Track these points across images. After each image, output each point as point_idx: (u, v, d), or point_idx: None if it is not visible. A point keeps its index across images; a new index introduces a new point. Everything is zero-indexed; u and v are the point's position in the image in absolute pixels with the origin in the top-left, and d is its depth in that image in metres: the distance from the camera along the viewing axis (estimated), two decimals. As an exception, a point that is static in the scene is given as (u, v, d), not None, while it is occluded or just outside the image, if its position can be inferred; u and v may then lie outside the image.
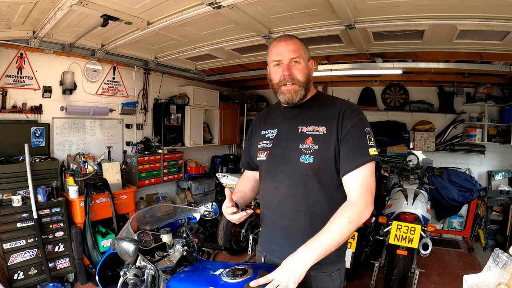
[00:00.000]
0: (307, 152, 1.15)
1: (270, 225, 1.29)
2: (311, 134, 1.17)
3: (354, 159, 1.09)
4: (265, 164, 1.28)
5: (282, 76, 1.18)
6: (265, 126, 1.36)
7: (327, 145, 1.14)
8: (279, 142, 1.25)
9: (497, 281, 1.03)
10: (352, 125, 1.12)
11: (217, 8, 2.08)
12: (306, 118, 1.22)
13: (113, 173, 3.41)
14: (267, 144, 1.29)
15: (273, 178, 1.24)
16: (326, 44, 3.00)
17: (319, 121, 1.18)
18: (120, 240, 1.03)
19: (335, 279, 1.18)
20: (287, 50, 1.18)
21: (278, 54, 1.19)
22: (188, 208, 1.52)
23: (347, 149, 1.12)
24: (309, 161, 1.14)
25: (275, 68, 1.21)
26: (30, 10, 2.30)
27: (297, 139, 1.19)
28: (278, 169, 1.22)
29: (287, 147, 1.21)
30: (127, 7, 2.25)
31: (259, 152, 1.31)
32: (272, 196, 1.25)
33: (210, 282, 1.04)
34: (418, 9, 2.11)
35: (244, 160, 1.48)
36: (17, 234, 2.62)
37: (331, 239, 0.98)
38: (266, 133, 1.32)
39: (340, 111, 1.16)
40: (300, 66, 1.19)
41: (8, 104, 2.87)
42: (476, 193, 4.13)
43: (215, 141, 5.25)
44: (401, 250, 2.64)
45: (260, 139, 1.34)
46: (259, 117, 1.45)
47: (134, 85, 4.04)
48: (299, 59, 1.19)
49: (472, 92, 4.50)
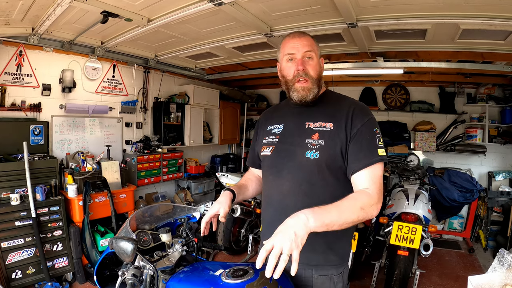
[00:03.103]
0: (312, 147, 1.13)
1: (271, 222, 1.24)
2: (318, 130, 1.16)
3: (364, 158, 1.08)
4: (270, 159, 1.26)
5: (296, 70, 1.16)
6: (271, 122, 1.34)
7: (333, 141, 1.12)
8: (286, 138, 1.23)
9: (502, 282, 1.01)
10: (362, 125, 1.11)
11: (218, 5, 2.06)
12: (314, 115, 1.21)
13: (112, 172, 3.39)
14: (273, 139, 1.27)
15: (277, 174, 1.22)
16: (328, 42, 2.98)
17: (327, 118, 1.17)
18: (118, 239, 1.01)
19: (337, 283, 1.15)
20: (301, 44, 1.16)
21: (292, 48, 1.17)
22: (187, 208, 1.50)
23: (356, 148, 1.10)
24: (314, 157, 1.12)
25: (288, 64, 1.19)
26: (29, 6, 2.28)
27: (303, 135, 1.18)
28: (283, 165, 1.20)
29: (293, 143, 1.19)
30: (127, 4, 2.23)
31: (264, 147, 1.29)
32: (275, 192, 1.22)
33: (210, 282, 1.02)
34: (422, 7, 2.09)
35: (251, 158, 1.46)
36: (15, 233, 2.60)
37: (339, 214, 0.93)
38: (272, 128, 1.31)
39: (349, 110, 1.15)
40: (313, 62, 1.18)
41: (7, 101, 2.85)
42: (477, 194, 4.12)
43: (215, 141, 5.23)
44: (402, 251, 2.63)
45: (265, 134, 1.32)
46: (266, 114, 1.44)
47: (134, 83, 4.02)
48: (312, 54, 1.18)
49: (473, 93, 4.50)
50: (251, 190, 1.43)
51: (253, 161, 1.44)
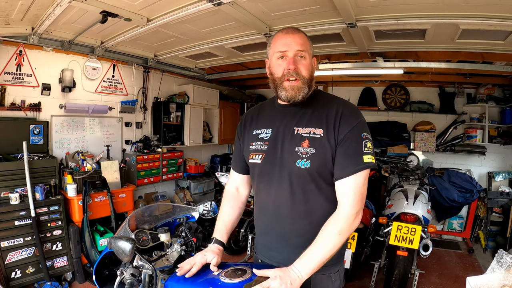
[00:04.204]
0: (303, 156, 1.10)
1: (266, 230, 1.24)
2: (307, 137, 1.11)
3: (348, 166, 1.05)
4: (260, 167, 1.20)
5: (286, 69, 1.10)
6: (257, 125, 1.26)
7: (324, 148, 1.09)
8: (275, 144, 1.17)
9: (501, 282, 1.01)
10: (350, 130, 1.07)
11: (218, 4, 2.06)
12: (302, 118, 1.15)
13: (112, 171, 3.39)
14: (261, 145, 1.20)
15: (269, 182, 1.17)
16: (327, 42, 2.98)
17: (316, 123, 1.12)
18: (117, 239, 1.01)
19: (334, 281, 1.16)
20: (294, 41, 1.10)
21: (284, 45, 1.11)
22: (187, 207, 1.50)
23: (342, 154, 1.07)
24: (305, 166, 1.09)
25: (278, 61, 1.13)
26: (29, 6, 2.28)
27: (293, 142, 1.13)
28: (274, 173, 1.16)
29: (283, 150, 1.14)
30: (127, 4, 2.23)
31: (253, 154, 1.22)
32: (268, 201, 1.19)
33: (209, 282, 1.02)
34: (421, 7, 2.09)
35: (238, 162, 1.35)
36: (14, 232, 2.60)
37: (323, 253, 1.00)
38: (259, 133, 1.23)
39: (338, 113, 1.10)
40: (306, 61, 1.12)
41: (7, 101, 2.85)
42: (477, 194, 4.12)
43: (214, 140, 5.23)
44: (402, 251, 2.63)
45: (252, 139, 1.24)
46: (249, 115, 1.33)
47: (134, 83, 4.02)
48: (304, 54, 1.11)
49: (473, 93, 4.49)
50: (234, 224, 1.33)
51: (240, 166, 1.35)
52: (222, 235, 1.25)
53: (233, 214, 1.33)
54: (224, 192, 1.41)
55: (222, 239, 1.24)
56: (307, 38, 1.15)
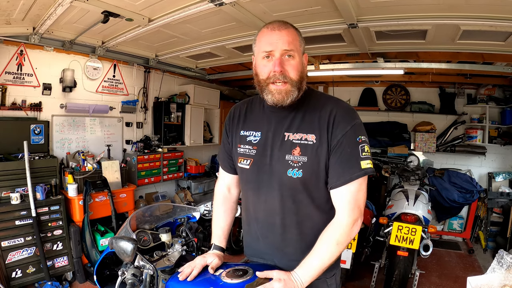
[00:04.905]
0: (295, 165, 1.02)
1: (256, 237, 1.19)
2: (298, 144, 1.03)
3: (343, 174, 0.99)
4: (248, 173, 1.13)
5: (272, 71, 0.99)
6: (244, 125, 1.18)
7: (316, 157, 1.01)
8: (264, 150, 1.09)
9: (501, 283, 1.02)
10: (343, 135, 0.99)
11: (219, 5, 2.06)
12: (293, 123, 1.06)
13: (112, 171, 3.39)
14: (250, 150, 1.12)
15: (257, 190, 1.12)
16: (328, 43, 2.98)
17: (308, 128, 1.04)
18: (118, 239, 1.01)
19: (330, 285, 1.14)
20: (281, 39, 0.99)
21: (270, 44, 0.99)
22: (187, 207, 1.50)
23: (336, 162, 1.00)
24: (297, 176, 1.02)
25: (264, 61, 1.02)
26: (31, 6, 2.28)
27: (283, 149, 1.05)
28: (263, 181, 1.09)
29: (272, 158, 1.07)
30: (128, 4, 2.23)
31: (241, 158, 1.15)
32: (258, 209, 1.14)
33: (210, 282, 1.02)
34: (422, 8, 2.09)
35: (225, 161, 1.26)
36: (15, 232, 2.60)
37: (321, 263, 0.98)
38: (248, 135, 1.15)
39: (330, 116, 1.01)
40: (294, 61, 1.01)
41: (8, 101, 2.85)
42: (477, 195, 4.12)
43: (215, 140, 5.23)
44: (402, 251, 2.63)
45: (240, 141, 1.16)
46: (238, 109, 1.23)
47: (135, 83, 4.02)
48: (293, 53, 1.00)
49: (473, 94, 4.50)
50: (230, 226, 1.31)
51: (230, 166, 1.26)
52: (221, 240, 1.24)
53: (228, 217, 1.30)
54: (216, 192, 1.34)
55: (221, 244, 1.23)
56: (296, 33, 1.03)
